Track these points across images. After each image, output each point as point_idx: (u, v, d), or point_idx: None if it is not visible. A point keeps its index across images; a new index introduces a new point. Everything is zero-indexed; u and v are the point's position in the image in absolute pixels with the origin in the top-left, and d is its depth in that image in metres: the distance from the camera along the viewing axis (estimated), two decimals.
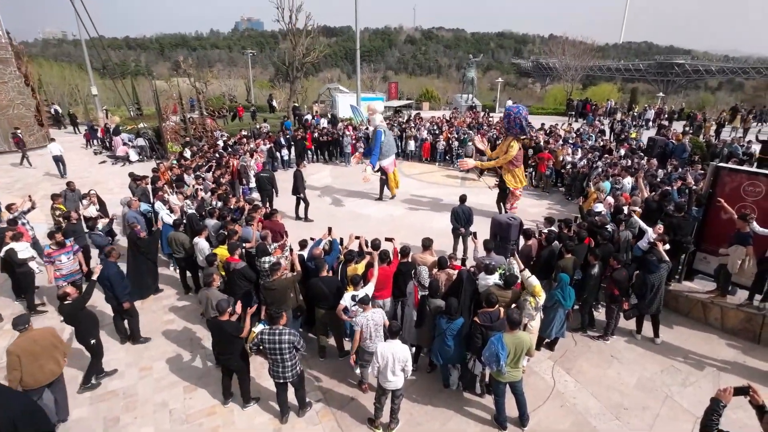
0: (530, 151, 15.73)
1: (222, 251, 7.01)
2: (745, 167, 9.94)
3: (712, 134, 20.45)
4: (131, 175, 11.29)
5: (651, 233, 7.13)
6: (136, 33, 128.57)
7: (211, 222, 8.46)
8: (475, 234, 7.69)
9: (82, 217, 9.17)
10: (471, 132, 18.73)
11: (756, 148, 15.20)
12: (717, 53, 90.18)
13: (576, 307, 7.08)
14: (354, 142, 18.40)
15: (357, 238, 7.20)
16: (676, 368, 6.40)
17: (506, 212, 11.65)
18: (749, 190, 7.28)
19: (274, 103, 34.45)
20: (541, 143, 15.85)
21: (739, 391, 3.36)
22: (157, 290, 8.49)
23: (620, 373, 6.29)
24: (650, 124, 25.18)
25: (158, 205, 9.48)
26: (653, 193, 9.58)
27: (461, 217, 9.24)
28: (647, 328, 7.09)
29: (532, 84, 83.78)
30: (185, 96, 24.91)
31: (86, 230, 8.68)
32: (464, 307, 5.77)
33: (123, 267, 8.60)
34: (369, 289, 5.85)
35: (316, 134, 19.03)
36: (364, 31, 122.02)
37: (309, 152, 18.98)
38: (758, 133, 20.55)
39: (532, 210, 12.88)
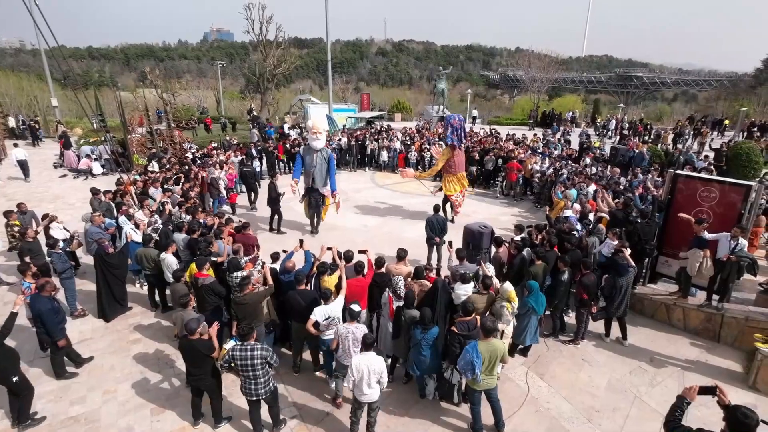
0: (500, 161, 16.15)
1: (191, 265, 6.82)
2: (700, 174, 10.46)
3: (670, 143, 21.52)
4: (92, 189, 10.85)
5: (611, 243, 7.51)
6: (99, 43, 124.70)
7: (179, 236, 8.22)
8: (450, 243, 7.77)
9: (38, 235, 8.72)
10: (443, 143, 19.04)
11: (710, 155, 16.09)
12: (672, 66, 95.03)
13: (547, 312, 7.25)
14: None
15: (329, 249, 7.14)
16: (644, 369, 6.61)
17: (452, 220, 12.04)
18: (704, 196, 7.68)
19: (255, 114, 34.18)
20: (513, 152, 16.29)
21: (706, 391, 3.44)
22: (126, 308, 8.17)
23: (591, 376, 6.44)
24: (611, 133, 26.32)
25: (122, 219, 9.13)
26: (616, 200, 9.99)
27: (436, 227, 9.34)
28: (614, 330, 7.29)
29: (500, 95, 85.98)
30: (152, 107, 24.29)
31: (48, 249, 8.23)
32: (440, 317, 5.81)
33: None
34: (339, 302, 5.80)
35: (287, 145, 18.92)
36: (335, 42, 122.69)
37: (281, 163, 18.83)
38: (710, 141, 21.71)
39: (503, 218, 13.14)
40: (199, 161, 16.21)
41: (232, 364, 4.93)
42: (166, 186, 11.84)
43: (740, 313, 7.08)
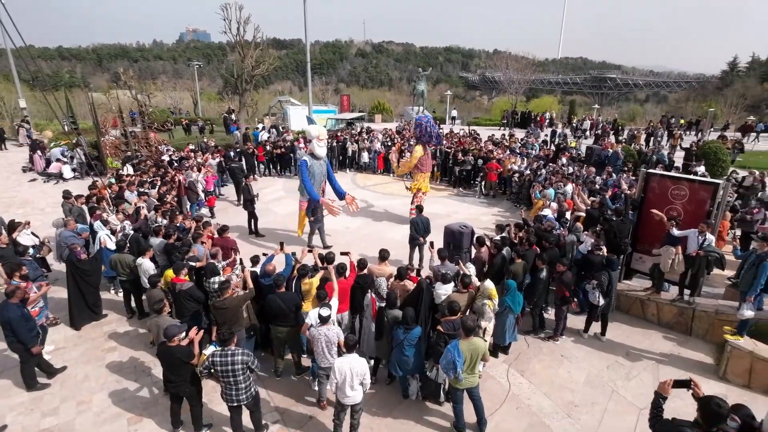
0: (480, 161, 16.34)
1: (167, 271, 6.68)
2: (671, 173, 10.82)
3: (642, 143, 22.16)
4: (65, 193, 10.51)
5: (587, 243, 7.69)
6: (70, 43, 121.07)
7: (156, 241, 8.04)
8: (431, 243, 7.82)
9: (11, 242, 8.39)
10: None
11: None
12: (643, 68, 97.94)
13: (527, 310, 7.37)
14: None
15: (310, 251, 7.10)
16: (620, 363, 6.77)
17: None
18: (675, 194, 7.94)
19: (233, 117, 33.67)
20: (492, 153, 16.51)
21: (680, 384, 3.54)
22: (100, 315, 7.94)
23: (570, 372, 6.57)
24: (587, 133, 26.95)
25: (97, 224, 8.87)
26: (592, 199, 10.24)
27: (420, 227, 9.40)
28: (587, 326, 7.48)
29: (479, 96, 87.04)
30: (126, 109, 23.66)
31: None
32: (423, 317, 5.83)
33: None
34: (333, 304, 5.76)
35: (268, 147, 18.77)
36: (314, 44, 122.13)
37: (261, 165, 18.66)
38: (680, 141, 22.42)
39: (484, 218, 13.29)
40: (176, 164, 15.91)
41: (212, 371, 4.84)
42: (141, 189, 11.57)
43: (710, 307, 7.34)
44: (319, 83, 59.42)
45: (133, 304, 8.02)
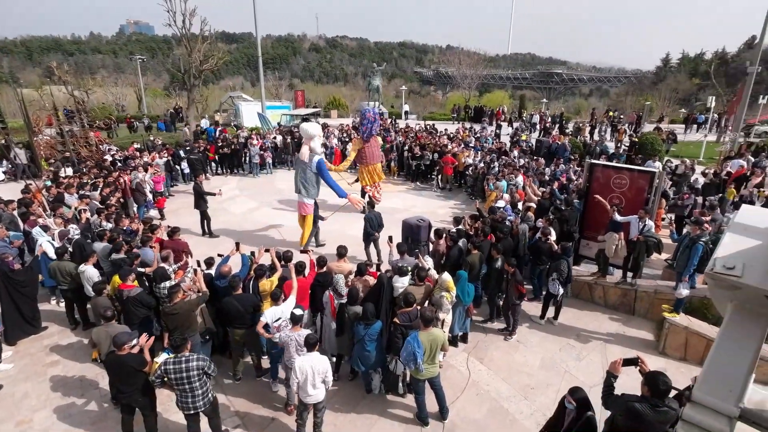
0: (435, 155, 16.60)
1: (114, 277, 6.32)
2: (613, 163, 11.46)
3: (587, 135, 23.32)
4: None
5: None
6: None
7: (99, 246, 7.57)
8: (390, 238, 7.85)
9: None
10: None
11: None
12: (587, 64, 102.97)
13: (484, 299, 7.58)
14: (262, 152, 17.99)
15: (267, 251, 6.94)
16: (572, 345, 7.13)
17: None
18: (617, 183, 8.42)
19: (172, 111, 32.16)
20: (448, 146, 16.80)
21: (629, 362, 3.78)
22: (39, 328, 7.40)
23: (526, 357, 6.84)
24: (537, 127, 28.04)
25: (37, 230, 8.21)
26: (542, 190, 10.68)
27: (374, 222, 9.43)
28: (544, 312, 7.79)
29: (434, 91, 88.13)
30: (61, 106, 22.02)
31: None
32: (384, 311, 5.86)
33: None
34: (290, 303, 5.67)
35: (219, 144, 18.16)
36: (266, 38, 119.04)
37: (212, 164, 18.03)
38: (625, 135, 23.77)
39: (441, 211, 13.52)
40: (119, 164, 15.06)
41: (165, 379, 4.64)
42: (82, 192, 10.84)
43: (650, 288, 7.88)
44: (272, 78, 57.83)
45: (76, 314, 7.53)
